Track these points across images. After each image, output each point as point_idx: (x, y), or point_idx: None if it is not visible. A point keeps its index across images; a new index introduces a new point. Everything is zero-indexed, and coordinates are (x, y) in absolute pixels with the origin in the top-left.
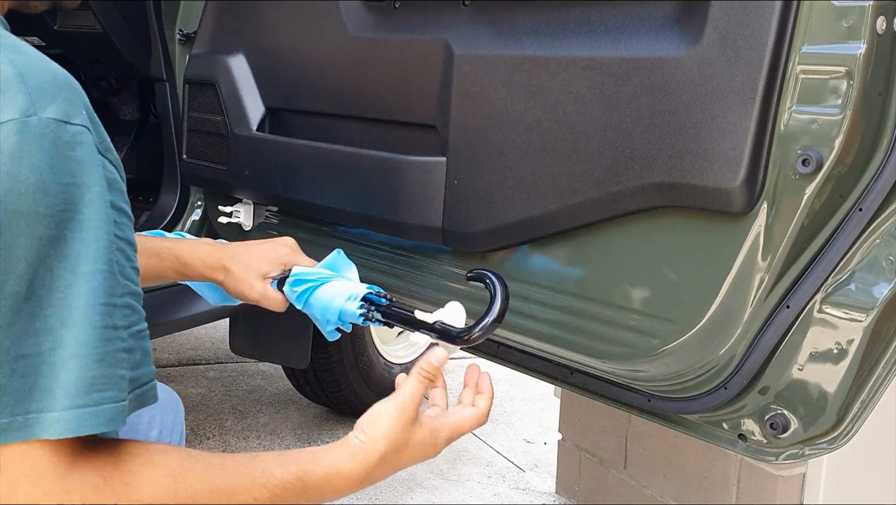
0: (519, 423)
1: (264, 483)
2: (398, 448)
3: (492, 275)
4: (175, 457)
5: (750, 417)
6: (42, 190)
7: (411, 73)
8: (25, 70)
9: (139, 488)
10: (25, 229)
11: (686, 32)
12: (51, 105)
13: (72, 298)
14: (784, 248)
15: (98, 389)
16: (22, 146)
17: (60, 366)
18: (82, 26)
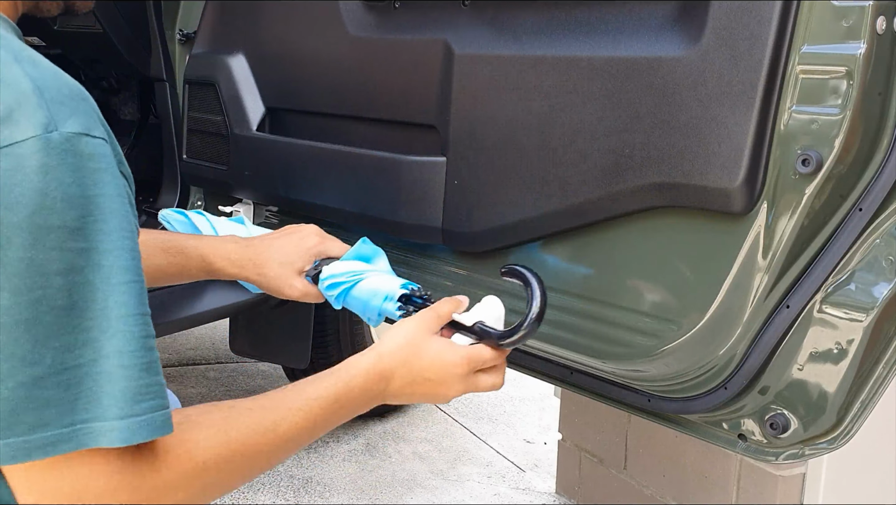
0: (519, 423)
1: (300, 408)
2: (416, 349)
3: (527, 272)
4: (218, 414)
5: (750, 417)
6: (69, 203)
7: (411, 73)
8: (42, 83)
9: (197, 451)
10: (58, 243)
11: (686, 32)
12: (70, 119)
13: (111, 309)
14: (784, 249)
15: (146, 398)
16: (46, 162)
17: (105, 376)
18: (82, 26)
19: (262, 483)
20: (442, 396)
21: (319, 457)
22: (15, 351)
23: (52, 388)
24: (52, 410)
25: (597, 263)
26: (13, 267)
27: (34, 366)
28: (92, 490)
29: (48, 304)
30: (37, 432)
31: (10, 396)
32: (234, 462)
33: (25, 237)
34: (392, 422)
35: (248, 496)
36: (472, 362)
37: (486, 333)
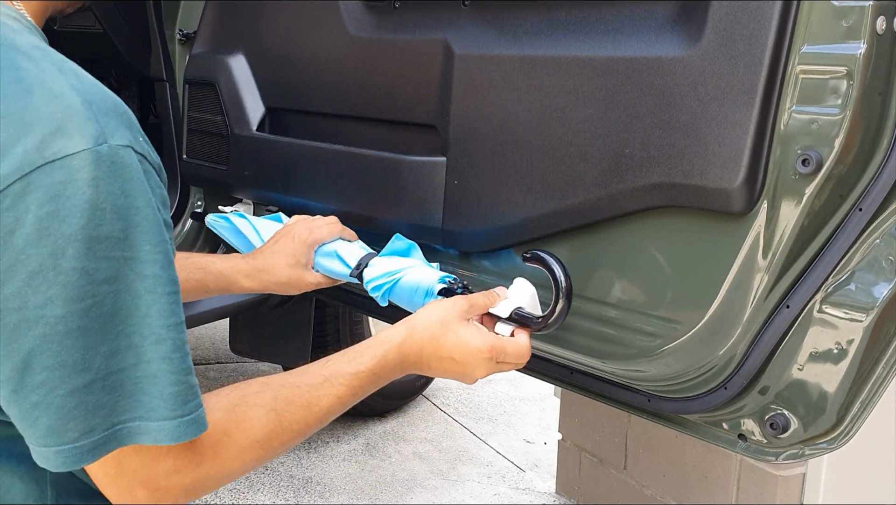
0: (519, 423)
1: (342, 383)
2: (445, 329)
3: (547, 255)
4: (270, 393)
5: (750, 417)
6: (118, 214)
7: (411, 73)
8: (90, 97)
9: (253, 431)
10: (106, 253)
11: (686, 32)
12: (117, 132)
13: (153, 317)
14: (784, 249)
15: (192, 398)
16: (97, 174)
17: (148, 379)
18: (82, 26)
19: (262, 483)
20: (467, 375)
21: (319, 457)
22: (67, 360)
23: (98, 392)
24: (98, 414)
25: (597, 262)
26: (67, 276)
27: (84, 373)
28: (161, 469)
29: (97, 311)
30: (85, 438)
31: (62, 403)
32: (284, 436)
33: (79, 248)
34: (392, 422)
35: (248, 496)
36: (495, 351)
37: (524, 321)
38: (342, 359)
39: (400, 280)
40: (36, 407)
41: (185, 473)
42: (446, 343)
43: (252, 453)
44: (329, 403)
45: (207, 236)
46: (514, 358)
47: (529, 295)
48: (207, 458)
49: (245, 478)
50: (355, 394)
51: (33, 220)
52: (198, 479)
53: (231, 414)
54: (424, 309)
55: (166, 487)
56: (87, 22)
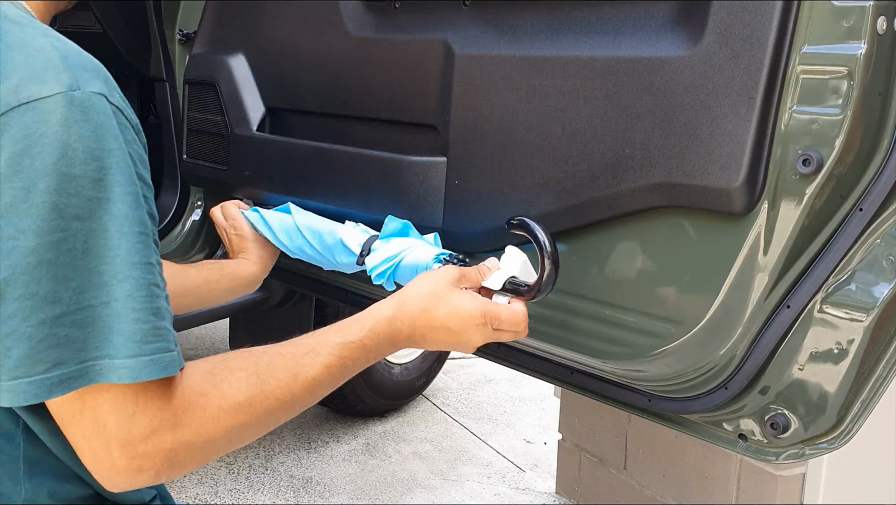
0: (519, 423)
1: (329, 353)
2: (436, 297)
3: (530, 222)
4: (251, 358)
5: (750, 417)
6: (90, 155)
7: (411, 73)
8: (67, 53)
9: (231, 392)
10: (78, 190)
11: (686, 32)
12: (91, 82)
13: (122, 256)
14: (784, 248)
15: (154, 339)
16: (69, 116)
17: (115, 317)
18: (82, 26)
19: (262, 483)
20: (464, 344)
21: (319, 457)
22: (38, 290)
23: (68, 326)
24: (68, 348)
25: (597, 262)
26: (37, 210)
27: (54, 305)
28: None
29: (68, 245)
30: (55, 370)
31: (33, 333)
32: (267, 402)
33: (50, 182)
34: (392, 422)
35: (248, 496)
36: (488, 317)
37: (517, 289)
38: (329, 330)
39: (401, 262)
40: (7, 337)
41: (163, 436)
42: (438, 312)
43: (233, 418)
44: (316, 372)
45: (207, 236)
46: (510, 325)
47: (521, 263)
48: (183, 419)
49: (245, 478)
50: (344, 365)
51: (7, 156)
52: (177, 443)
53: (209, 376)
54: (415, 281)
55: (145, 451)
56: (87, 22)
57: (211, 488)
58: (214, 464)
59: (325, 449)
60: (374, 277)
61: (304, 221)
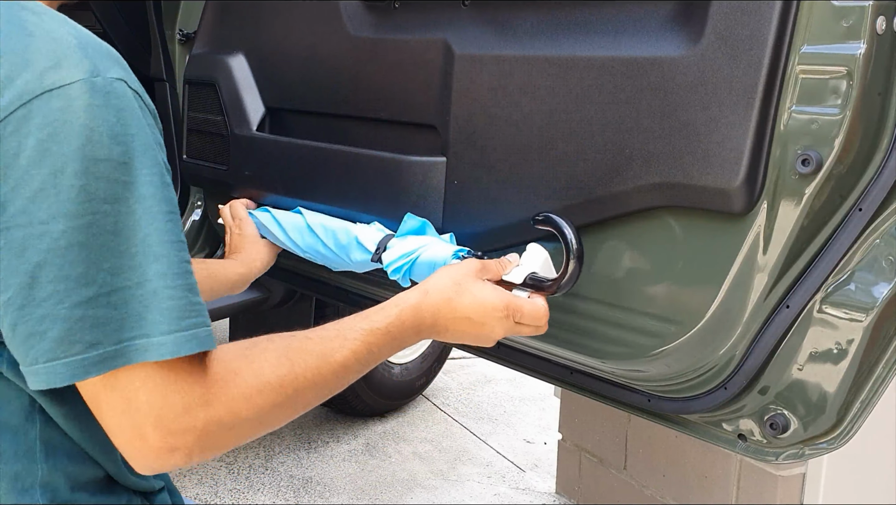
0: (519, 423)
1: (356, 338)
2: (459, 288)
3: (557, 218)
4: (280, 341)
5: (750, 417)
6: (114, 140)
7: (411, 73)
8: (85, 41)
9: (263, 372)
10: (106, 174)
11: (686, 32)
12: (111, 68)
13: (152, 236)
14: (784, 249)
15: (191, 315)
16: (92, 101)
17: (151, 296)
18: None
19: (262, 483)
20: (485, 336)
21: (319, 457)
22: (70, 273)
23: (103, 307)
24: (104, 329)
25: (597, 262)
26: (66, 193)
27: (88, 286)
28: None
29: (98, 228)
30: (92, 350)
31: (69, 315)
32: (297, 382)
33: (77, 166)
34: (392, 422)
35: (248, 496)
36: (510, 309)
37: (538, 284)
38: (356, 317)
39: (417, 259)
40: (44, 319)
41: (196, 413)
42: (461, 303)
43: (264, 397)
44: (344, 357)
45: (207, 236)
46: (531, 319)
47: (542, 260)
48: (216, 395)
49: (245, 478)
50: (371, 351)
51: (34, 142)
52: (210, 422)
53: (240, 356)
54: (438, 272)
55: (178, 429)
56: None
57: (211, 488)
58: (214, 464)
59: (325, 449)
60: (390, 273)
61: (316, 221)
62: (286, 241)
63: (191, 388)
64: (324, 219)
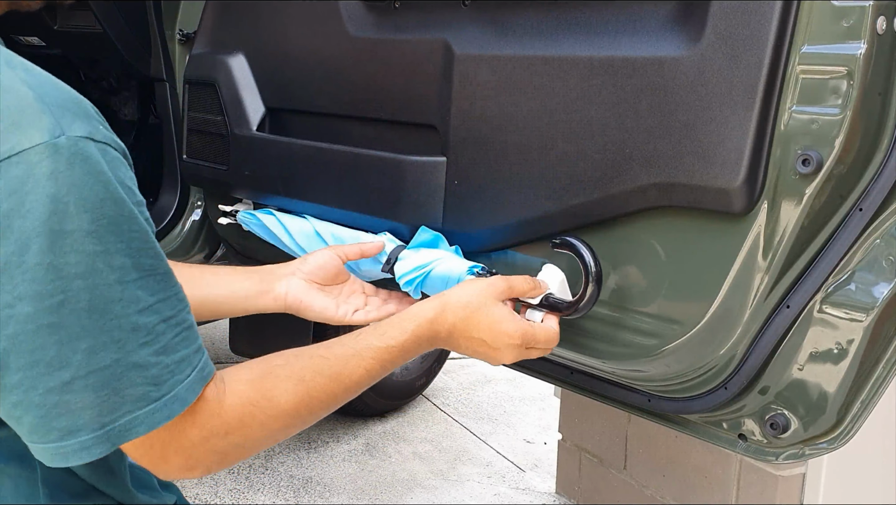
0: (519, 423)
1: (372, 357)
2: (478, 309)
3: (576, 241)
4: (298, 364)
5: (750, 417)
6: (82, 207)
7: (411, 72)
8: (42, 90)
9: (280, 401)
10: (75, 246)
11: (686, 32)
12: (74, 123)
13: (131, 304)
14: (784, 248)
15: (164, 378)
16: (56, 167)
17: (134, 370)
18: (82, 26)
19: (262, 483)
20: (494, 359)
21: (319, 457)
22: (42, 357)
23: (80, 391)
24: (83, 415)
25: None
26: (32, 273)
27: (62, 370)
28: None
29: (70, 307)
30: (71, 438)
31: (42, 402)
32: (312, 405)
33: (42, 242)
34: (392, 422)
35: (248, 496)
36: (526, 337)
37: (555, 305)
38: (373, 333)
39: (431, 272)
40: (16, 406)
41: (216, 441)
42: (478, 323)
43: (280, 423)
44: (358, 376)
45: (207, 237)
46: (545, 343)
47: (559, 281)
48: (235, 428)
49: (245, 478)
50: (384, 367)
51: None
52: (228, 446)
53: (258, 385)
54: (460, 286)
55: (198, 454)
56: (87, 22)
57: (211, 488)
58: None
59: (325, 449)
60: (402, 284)
61: (325, 228)
62: (291, 245)
63: (208, 421)
64: (333, 227)
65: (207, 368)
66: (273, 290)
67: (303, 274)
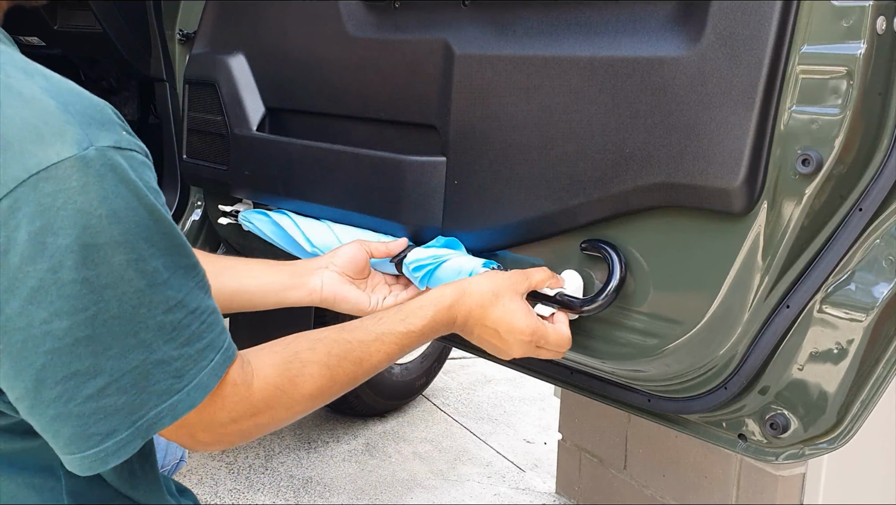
0: (519, 423)
1: (392, 341)
2: (496, 299)
3: (605, 245)
4: (322, 349)
5: (750, 417)
6: (114, 219)
7: (411, 73)
8: (63, 98)
9: (305, 386)
10: (106, 258)
11: (686, 32)
12: (101, 133)
13: (156, 307)
14: (784, 248)
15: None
16: (87, 181)
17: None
18: (82, 26)
19: (262, 483)
20: (504, 352)
21: (319, 457)
22: (78, 368)
23: (113, 395)
24: (116, 417)
25: (598, 262)
26: (69, 289)
27: (97, 377)
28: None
29: (102, 316)
30: (108, 441)
31: (80, 411)
32: (334, 389)
33: (77, 258)
34: (392, 422)
35: (248, 496)
36: (536, 335)
37: (568, 301)
38: (394, 318)
39: (443, 263)
40: (55, 420)
41: (243, 423)
42: (493, 313)
43: (303, 406)
44: (378, 360)
45: (207, 237)
46: (555, 346)
47: (576, 286)
48: (261, 410)
49: (245, 478)
50: (402, 350)
51: (26, 236)
52: (253, 426)
53: (284, 371)
54: (480, 276)
55: (225, 433)
56: (87, 22)
57: (211, 488)
58: (214, 464)
59: (325, 449)
60: (412, 269)
61: (343, 232)
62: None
63: (237, 405)
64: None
65: (231, 349)
66: (307, 283)
67: (336, 267)
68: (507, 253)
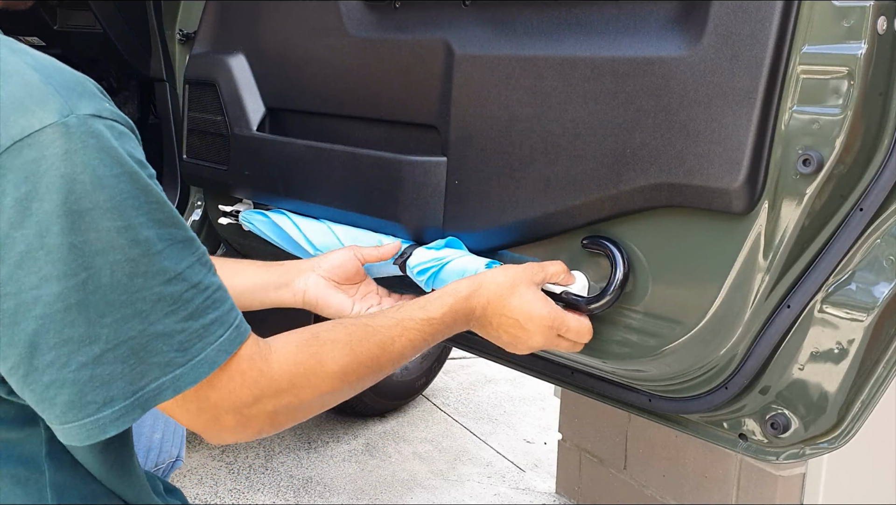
0: (519, 423)
1: (414, 328)
2: (513, 289)
3: (608, 242)
4: (343, 331)
5: (750, 417)
6: (98, 184)
7: (411, 73)
8: (46, 72)
9: (327, 363)
10: (93, 224)
11: (686, 32)
12: (81, 102)
13: (152, 277)
14: (785, 248)
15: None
16: (69, 146)
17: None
18: (82, 26)
19: (262, 483)
20: (523, 342)
21: (319, 457)
22: (72, 335)
23: (110, 363)
24: (115, 385)
25: (598, 262)
26: (56, 254)
27: (92, 345)
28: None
29: (94, 283)
30: (106, 408)
31: (76, 378)
32: (360, 371)
33: (63, 223)
34: (392, 422)
35: (248, 496)
36: (557, 321)
37: (574, 300)
38: (414, 306)
39: (447, 265)
40: (50, 386)
41: (267, 402)
42: (511, 302)
43: (328, 385)
44: (402, 346)
45: (207, 236)
46: (576, 335)
47: (581, 286)
48: (285, 388)
49: (245, 478)
50: (426, 340)
51: (12, 202)
52: (280, 407)
53: (306, 348)
54: (495, 269)
55: (251, 414)
56: (87, 22)
57: (211, 488)
58: (214, 463)
59: (325, 449)
60: (415, 273)
61: (343, 232)
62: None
63: (258, 380)
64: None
65: (242, 326)
66: (292, 284)
67: (322, 271)
68: (508, 253)
